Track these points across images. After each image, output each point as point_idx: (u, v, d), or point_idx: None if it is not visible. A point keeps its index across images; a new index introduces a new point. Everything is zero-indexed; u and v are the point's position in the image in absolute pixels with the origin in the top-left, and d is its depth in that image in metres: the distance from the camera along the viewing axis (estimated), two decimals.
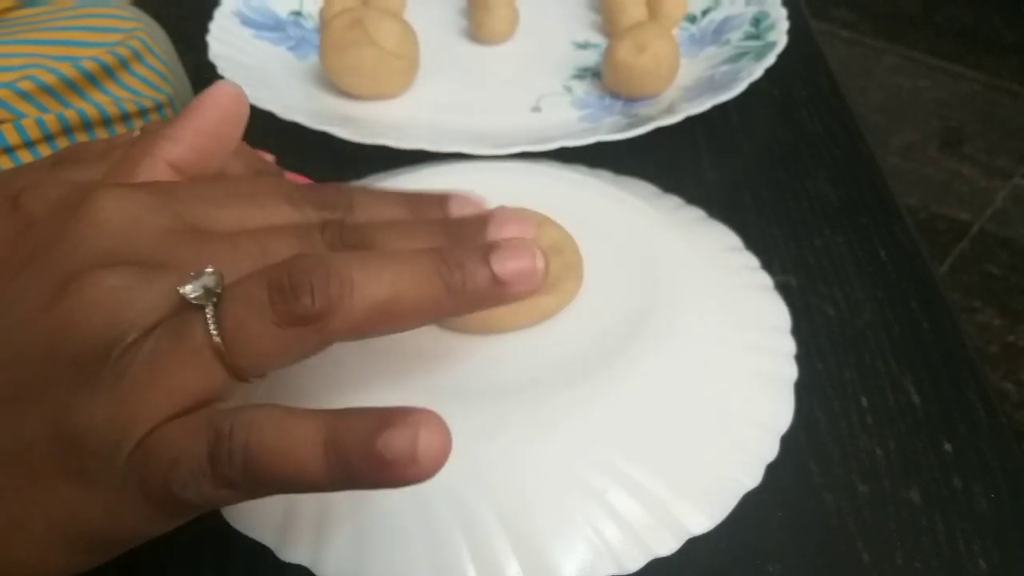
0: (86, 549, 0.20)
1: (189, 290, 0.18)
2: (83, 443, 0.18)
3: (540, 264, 0.21)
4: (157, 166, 0.22)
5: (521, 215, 0.24)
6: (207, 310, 0.18)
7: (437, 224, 0.23)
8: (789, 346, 0.30)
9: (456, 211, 0.24)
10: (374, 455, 0.17)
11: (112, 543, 0.20)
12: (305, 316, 0.18)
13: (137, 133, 0.27)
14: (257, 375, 0.19)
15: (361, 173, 0.38)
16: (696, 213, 0.36)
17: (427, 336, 0.28)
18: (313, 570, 0.24)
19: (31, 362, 0.19)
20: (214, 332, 0.18)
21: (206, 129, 0.23)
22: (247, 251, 0.20)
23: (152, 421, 0.18)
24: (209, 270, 0.19)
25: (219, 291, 0.18)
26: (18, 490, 0.19)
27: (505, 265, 0.21)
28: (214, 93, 0.23)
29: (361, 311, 0.19)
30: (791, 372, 0.29)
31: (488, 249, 0.21)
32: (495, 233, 0.23)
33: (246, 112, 0.24)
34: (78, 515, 0.19)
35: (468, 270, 0.20)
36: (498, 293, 0.21)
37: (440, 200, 0.25)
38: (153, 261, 0.19)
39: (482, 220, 0.23)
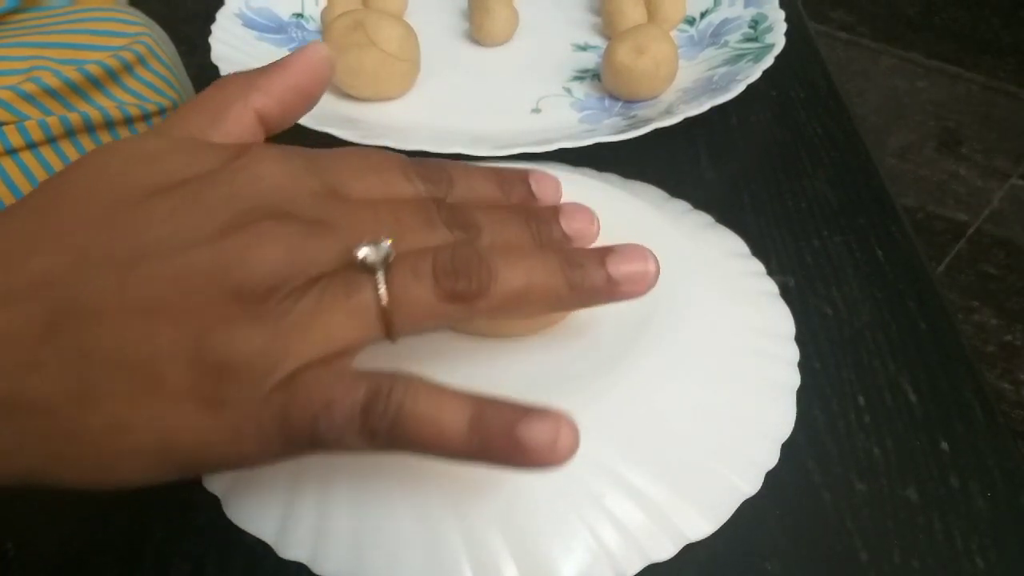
0: (178, 467, 0.21)
1: (367, 253, 0.21)
2: (231, 370, 0.20)
3: (652, 268, 0.24)
4: (246, 114, 0.24)
5: (586, 210, 0.26)
6: (379, 274, 0.21)
7: (520, 211, 0.26)
8: (793, 353, 0.30)
9: (535, 186, 0.26)
10: (514, 438, 0.20)
11: (207, 466, 0.23)
12: (461, 294, 0.21)
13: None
14: (403, 335, 0.22)
15: None
16: (704, 218, 0.36)
17: (434, 340, 0.28)
18: (312, 568, 0.24)
19: (180, 283, 0.20)
20: (383, 293, 0.21)
21: (295, 86, 0.25)
22: (385, 220, 0.22)
23: (303, 360, 0.20)
24: (387, 241, 0.21)
25: (391, 260, 0.21)
26: (132, 398, 0.20)
27: (619, 267, 0.24)
28: (308, 52, 0.25)
29: (501, 296, 0.22)
30: (794, 379, 0.29)
31: (605, 253, 0.24)
32: (566, 225, 0.25)
33: (330, 76, 0.26)
34: (194, 436, 0.20)
35: (587, 270, 0.23)
36: (611, 291, 0.24)
37: (522, 176, 0.27)
38: (311, 218, 0.21)
39: (554, 210, 0.26)
